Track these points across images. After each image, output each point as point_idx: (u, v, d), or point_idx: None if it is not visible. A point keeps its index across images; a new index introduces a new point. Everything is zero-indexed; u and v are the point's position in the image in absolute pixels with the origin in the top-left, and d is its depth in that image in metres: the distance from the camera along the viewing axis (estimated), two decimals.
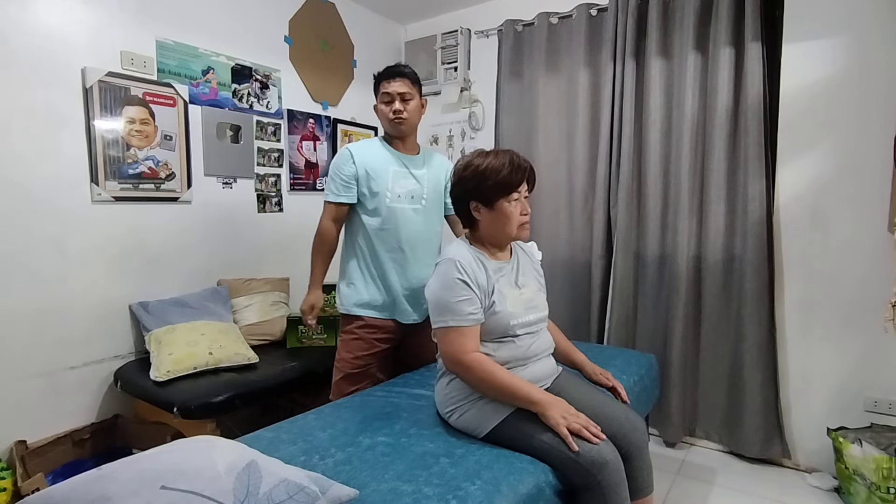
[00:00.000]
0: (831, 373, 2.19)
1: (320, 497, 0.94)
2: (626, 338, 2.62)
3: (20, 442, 1.88)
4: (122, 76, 2.13)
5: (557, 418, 1.21)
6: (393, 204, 1.84)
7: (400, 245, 1.84)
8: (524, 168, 1.39)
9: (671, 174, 2.48)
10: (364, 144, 1.91)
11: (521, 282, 1.45)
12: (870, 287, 2.05)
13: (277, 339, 2.51)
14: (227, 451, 0.96)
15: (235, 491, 0.86)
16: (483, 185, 1.36)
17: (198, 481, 0.85)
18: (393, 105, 1.83)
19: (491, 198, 1.37)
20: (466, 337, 1.30)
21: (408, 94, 1.84)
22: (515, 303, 1.39)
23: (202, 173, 2.44)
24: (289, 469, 0.98)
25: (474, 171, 1.38)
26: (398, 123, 1.84)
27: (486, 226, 1.41)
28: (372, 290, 1.86)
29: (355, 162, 1.83)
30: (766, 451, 2.28)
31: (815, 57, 2.13)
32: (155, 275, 2.29)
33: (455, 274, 1.31)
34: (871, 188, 2.04)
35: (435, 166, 1.96)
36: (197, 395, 1.87)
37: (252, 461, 0.94)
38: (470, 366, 1.28)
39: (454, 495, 1.05)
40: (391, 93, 1.82)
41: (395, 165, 1.87)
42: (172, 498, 0.82)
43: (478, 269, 1.35)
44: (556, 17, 2.79)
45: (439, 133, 3.39)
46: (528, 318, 1.40)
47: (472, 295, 1.31)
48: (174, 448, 0.97)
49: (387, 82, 1.84)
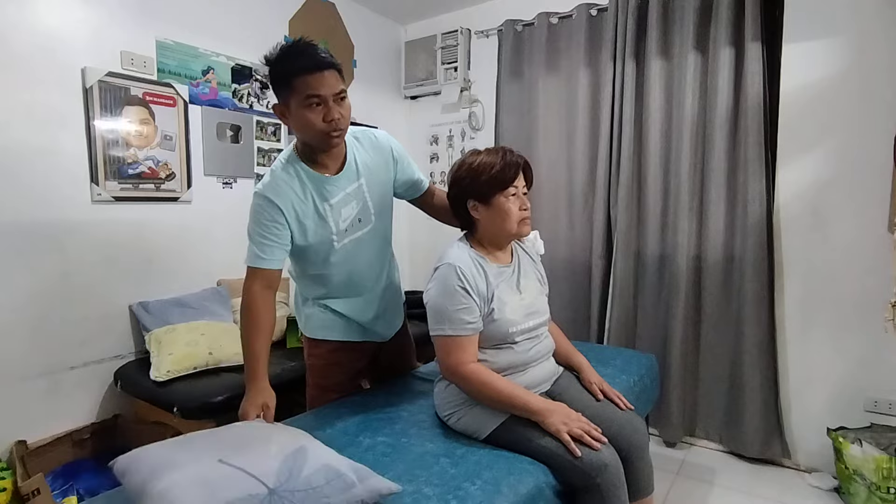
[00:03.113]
0: (831, 373, 2.19)
1: (357, 485, 0.97)
2: (626, 338, 2.62)
3: (20, 442, 1.88)
4: (122, 76, 2.13)
5: (558, 425, 1.20)
6: (342, 242, 1.44)
7: (358, 279, 1.52)
8: (517, 162, 1.37)
9: (671, 174, 2.48)
10: (281, 186, 1.36)
11: (522, 285, 1.42)
12: (870, 287, 2.05)
13: (277, 339, 2.50)
14: (285, 435, 1.07)
15: (279, 473, 0.93)
16: (478, 182, 1.35)
17: (249, 459, 0.95)
18: (328, 111, 1.29)
19: (487, 194, 1.35)
20: (464, 347, 1.27)
21: (342, 92, 1.32)
22: (515, 309, 1.36)
23: (202, 173, 2.44)
24: (335, 457, 1.03)
25: (468, 170, 1.37)
26: (334, 136, 1.32)
27: (486, 224, 1.38)
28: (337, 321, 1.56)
29: (286, 217, 1.35)
30: (766, 451, 2.28)
31: (815, 57, 2.13)
32: (155, 275, 2.29)
33: (455, 281, 1.28)
34: (871, 188, 2.04)
35: (365, 161, 1.49)
36: (197, 395, 1.87)
37: (302, 446, 1.02)
38: (467, 377, 1.26)
39: (454, 495, 1.05)
40: (323, 95, 1.27)
41: (330, 197, 1.40)
42: (224, 471, 0.92)
43: (478, 274, 1.32)
44: (556, 17, 2.79)
45: (439, 133, 3.39)
46: (528, 325, 1.38)
47: (471, 303, 1.28)
48: (249, 427, 1.11)
49: (311, 77, 1.26)
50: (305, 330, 1.61)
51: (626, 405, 1.42)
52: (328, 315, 1.56)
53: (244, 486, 0.89)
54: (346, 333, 1.58)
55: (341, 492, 0.94)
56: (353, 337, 1.58)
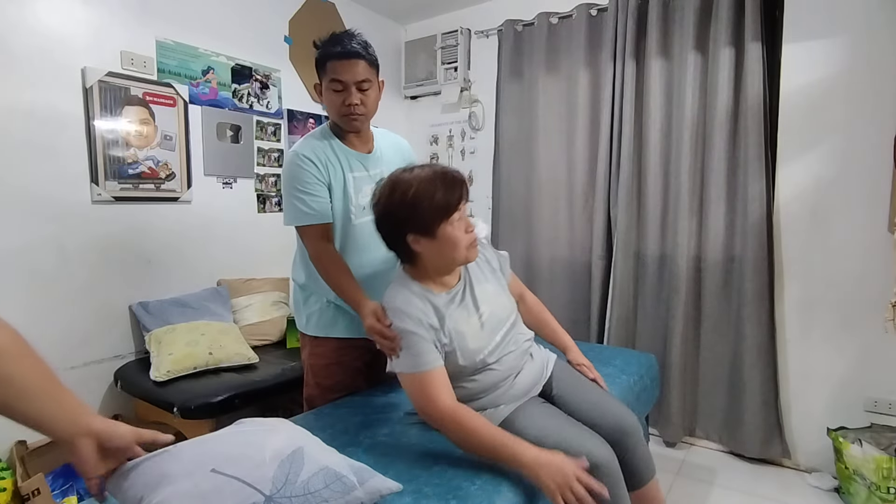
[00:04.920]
0: (831, 373, 2.19)
1: (357, 487, 0.96)
2: (626, 338, 2.62)
3: (20, 442, 1.88)
4: (122, 76, 2.13)
5: (550, 484, 1.03)
6: (358, 220, 1.50)
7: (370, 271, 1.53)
8: (458, 181, 1.20)
9: (671, 174, 2.48)
10: (314, 144, 1.49)
11: (478, 298, 1.29)
12: (870, 287, 2.05)
13: (277, 339, 2.51)
14: (281, 437, 1.01)
15: (275, 479, 0.90)
16: (417, 215, 1.17)
17: (243, 467, 0.91)
18: (348, 96, 1.43)
19: (430, 226, 1.18)
20: (432, 385, 1.14)
21: (366, 81, 1.44)
22: (476, 336, 1.25)
23: (202, 173, 2.44)
24: (334, 458, 1.01)
25: (402, 199, 1.17)
26: (352, 119, 1.47)
27: (430, 257, 1.22)
28: (339, 318, 1.58)
29: (321, 172, 1.46)
30: (766, 451, 2.28)
31: (815, 57, 2.13)
32: (155, 275, 2.29)
33: (399, 325, 1.18)
34: (871, 188, 2.04)
35: (388, 155, 1.60)
36: (197, 395, 1.87)
37: (299, 448, 0.98)
38: (442, 420, 1.14)
39: (454, 495, 1.05)
40: (344, 80, 1.42)
41: (356, 170, 1.52)
42: (218, 481, 0.88)
43: (425, 308, 1.20)
44: (556, 17, 2.79)
45: (439, 133, 3.39)
46: (497, 339, 1.28)
47: (423, 338, 1.16)
48: (238, 430, 1.05)
49: (339, 63, 1.41)
50: (307, 329, 1.62)
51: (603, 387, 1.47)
52: (331, 312, 1.58)
53: (240, 495, 0.86)
54: (349, 330, 1.58)
55: (341, 495, 0.93)
56: (356, 334, 1.55)
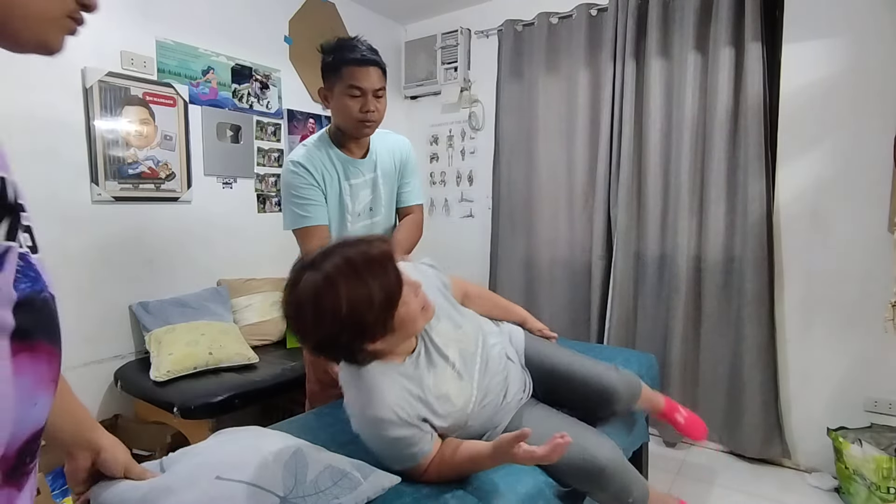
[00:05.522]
0: (831, 373, 2.19)
1: (363, 482, 0.97)
2: (626, 338, 2.62)
3: None
4: (122, 76, 2.13)
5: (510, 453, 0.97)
6: (354, 226, 1.55)
7: None
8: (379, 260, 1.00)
9: (671, 174, 2.48)
10: (313, 155, 1.52)
11: (440, 346, 1.18)
12: (870, 287, 2.05)
13: (277, 339, 2.51)
14: (273, 440, 1.02)
15: (285, 480, 0.91)
16: (363, 328, 0.98)
17: (250, 471, 0.90)
18: (365, 103, 1.46)
19: (384, 328, 1.00)
20: (422, 467, 1.08)
21: (382, 89, 1.50)
22: (459, 390, 1.16)
23: (202, 173, 2.44)
24: (331, 456, 1.02)
25: (339, 322, 0.95)
26: (366, 126, 1.50)
27: (391, 345, 1.07)
28: None
29: (317, 180, 1.50)
30: (766, 451, 2.28)
31: (815, 57, 2.13)
32: (155, 275, 2.29)
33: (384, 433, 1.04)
34: (871, 188, 2.04)
35: (382, 157, 1.62)
36: (197, 395, 1.87)
37: (298, 449, 0.99)
38: (430, 481, 1.09)
39: (454, 495, 1.05)
40: (364, 88, 1.45)
41: (352, 177, 1.56)
42: (226, 488, 0.87)
43: (407, 396, 1.07)
44: (556, 17, 2.79)
45: (439, 133, 3.39)
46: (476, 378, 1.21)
47: (412, 434, 1.06)
48: (223, 440, 1.04)
49: (358, 69, 1.45)
50: None
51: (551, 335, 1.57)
52: None
53: (254, 499, 0.86)
54: None
55: (349, 491, 0.95)
56: None
